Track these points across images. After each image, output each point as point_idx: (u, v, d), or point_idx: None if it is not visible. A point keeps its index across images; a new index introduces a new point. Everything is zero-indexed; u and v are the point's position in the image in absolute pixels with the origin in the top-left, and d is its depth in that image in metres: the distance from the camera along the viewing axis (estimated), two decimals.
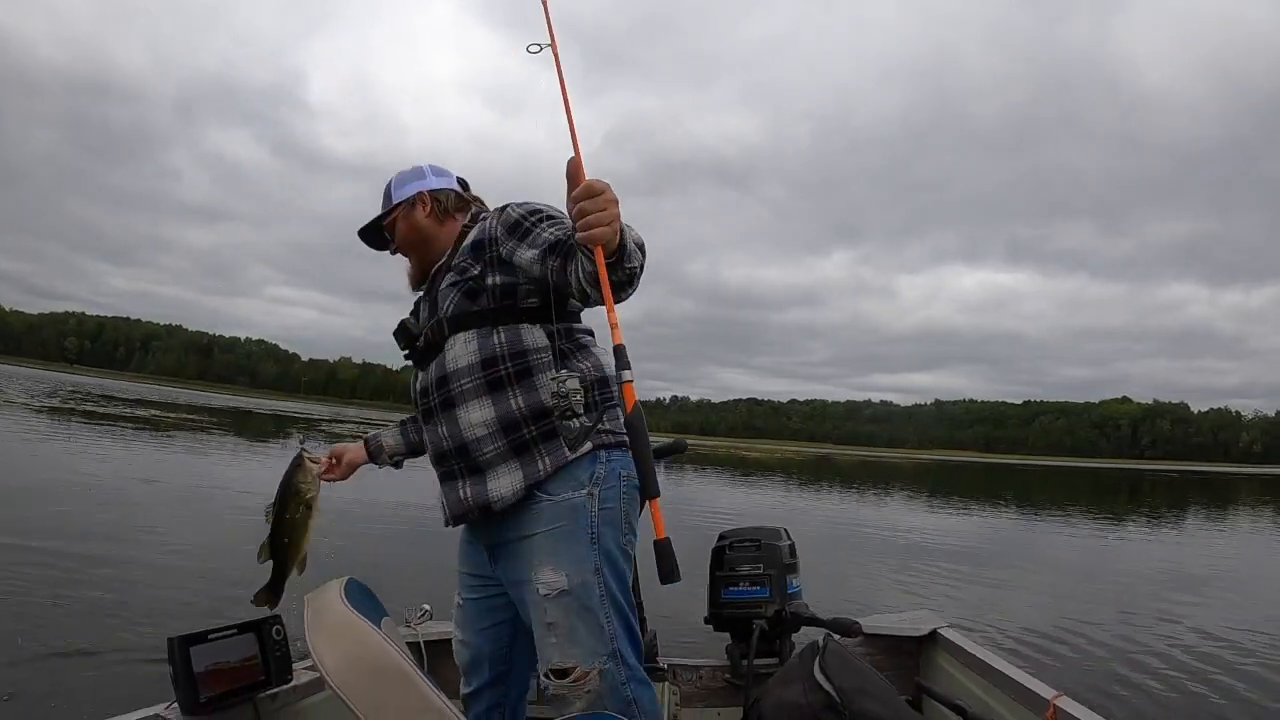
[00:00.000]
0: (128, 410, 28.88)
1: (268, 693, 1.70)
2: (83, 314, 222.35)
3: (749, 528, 2.48)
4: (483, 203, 1.84)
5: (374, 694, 1.30)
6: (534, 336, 1.60)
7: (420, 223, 1.78)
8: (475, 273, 1.61)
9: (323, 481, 1.70)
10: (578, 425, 1.32)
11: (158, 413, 29.48)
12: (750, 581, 2.36)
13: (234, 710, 1.63)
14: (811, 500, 18.69)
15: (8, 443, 13.91)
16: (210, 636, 1.61)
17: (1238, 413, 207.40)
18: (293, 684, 1.76)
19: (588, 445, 1.55)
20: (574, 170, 1.30)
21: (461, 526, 1.74)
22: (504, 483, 1.55)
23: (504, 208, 1.67)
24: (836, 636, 1.82)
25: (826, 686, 1.46)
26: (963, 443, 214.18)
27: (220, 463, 14.65)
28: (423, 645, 2.17)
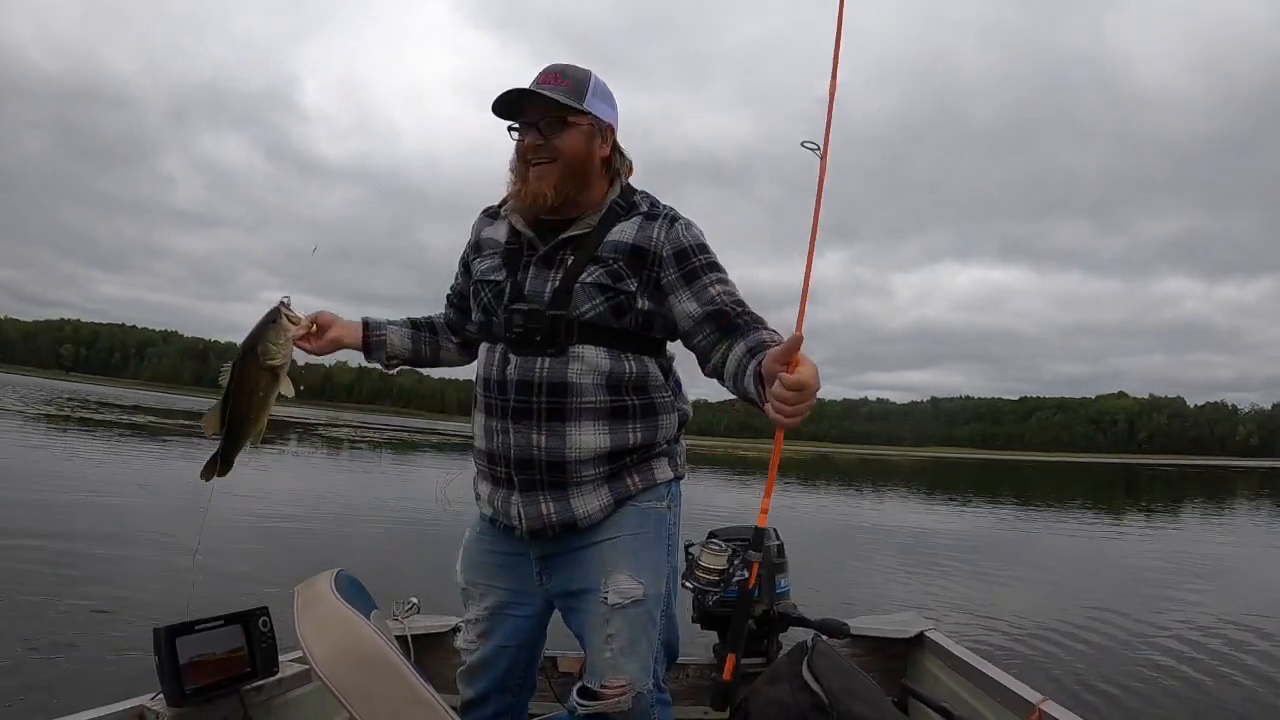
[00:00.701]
0: (124, 417, 28.78)
1: (253, 684, 1.69)
2: (78, 321, 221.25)
3: (738, 527, 2.46)
4: (626, 165, 1.58)
5: (363, 685, 1.30)
6: (655, 371, 1.55)
7: (593, 161, 1.49)
8: (631, 289, 1.47)
9: (297, 348, 1.50)
10: None
11: (154, 419, 29.37)
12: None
13: (219, 702, 1.62)
14: (807, 499, 18.68)
15: (5, 448, 13.88)
16: (196, 628, 1.61)
17: (1234, 406, 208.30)
18: (279, 676, 1.75)
19: (669, 473, 1.58)
20: (792, 349, 1.18)
21: (476, 534, 1.68)
22: (590, 500, 1.50)
23: (673, 221, 1.51)
24: (824, 637, 1.82)
25: (814, 687, 1.46)
26: (959, 440, 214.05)
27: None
28: (409, 639, 2.16)
